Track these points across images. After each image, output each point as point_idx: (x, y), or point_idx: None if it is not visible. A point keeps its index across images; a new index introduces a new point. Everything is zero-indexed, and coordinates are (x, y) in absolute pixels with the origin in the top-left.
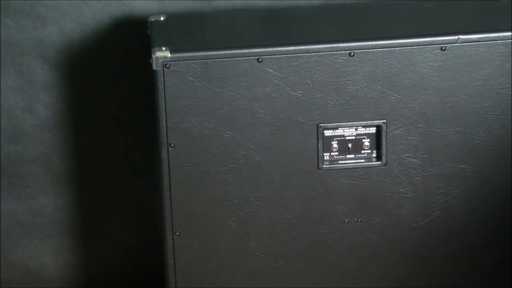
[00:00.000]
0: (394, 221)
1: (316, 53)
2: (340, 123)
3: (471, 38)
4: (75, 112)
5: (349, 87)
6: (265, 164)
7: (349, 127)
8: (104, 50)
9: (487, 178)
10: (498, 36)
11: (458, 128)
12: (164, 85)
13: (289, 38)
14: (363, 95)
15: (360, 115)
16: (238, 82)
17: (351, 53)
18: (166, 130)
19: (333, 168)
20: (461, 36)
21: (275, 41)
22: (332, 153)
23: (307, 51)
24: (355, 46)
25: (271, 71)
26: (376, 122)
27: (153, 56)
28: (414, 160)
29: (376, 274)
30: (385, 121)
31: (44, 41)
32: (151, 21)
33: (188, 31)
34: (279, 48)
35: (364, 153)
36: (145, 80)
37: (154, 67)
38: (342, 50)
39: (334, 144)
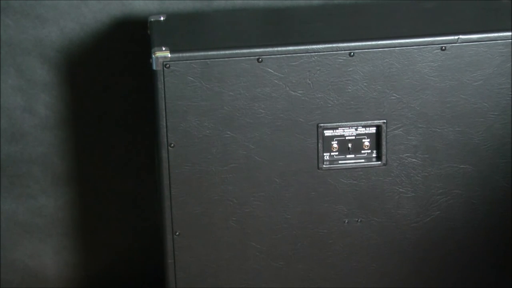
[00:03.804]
0: (394, 221)
1: (316, 53)
2: (340, 123)
3: (471, 38)
4: (75, 112)
5: (349, 87)
6: (265, 164)
7: (349, 127)
8: (104, 50)
9: (487, 178)
10: (498, 36)
11: (458, 128)
12: (164, 85)
13: (289, 38)
14: (363, 95)
15: (360, 115)
16: (238, 82)
17: (351, 53)
18: (166, 130)
19: (333, 168)
20: (461, 36)
21: (275, 41)
22: (332, 153)
23: (307, 51)
24: (355, 46)
25: (271, 71)
26: (376, 122)
27: (153, 56)
28: (414, 160)
29: (376, 274)
30: (385, 121)
31: (44, 41)
32: (151, 21)
33: (188, 31)
34: (279, 48)
35: (364, 153)
36: (145, 80)
37: (154, 67)
38: (342, 50)
39: (334, 144)
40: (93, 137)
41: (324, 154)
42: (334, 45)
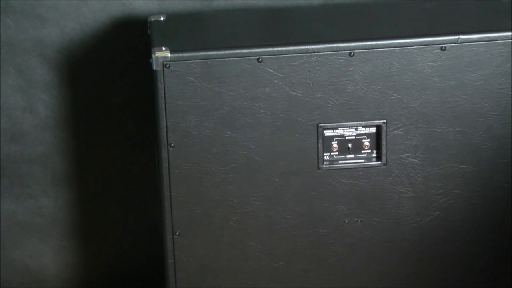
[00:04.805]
0: (394, 221)
1: (316, 53)
2: (340, 123)
3: (471, 38)
4: (75, 112)
5: (349, 87)
6: (265, 164)
7: (349, 127)
8: (104, 50)
9: (487, 178)
10: (498, 36)
11: (458, 128)
12: (164, 85)
13: (289, 38)
14: (363, 95)
15: (360, 115)
16: (238, 82)
17: (351, 53)
18: (166, 130)
19: (333, 168)
20: (461, 36)
21: (275, 41)
22: (332, 153)
23: (307, 51)
24: (355, 46)
25: (271, 71)
26: (376, 122)
27: (153, 56)
28: (414, 160)
29: (376, 274)
30: (385, 121)
31: (44, 41)
32: (151, 21)
33: (188, 31)
34: (279, 48)
35: (364, 153)
36: (145, 80)
37: (154, 67)
38: (342, 50)
39: (334, 144)
40: (93, 137)
41: (324, 154)
42: (334, 45)
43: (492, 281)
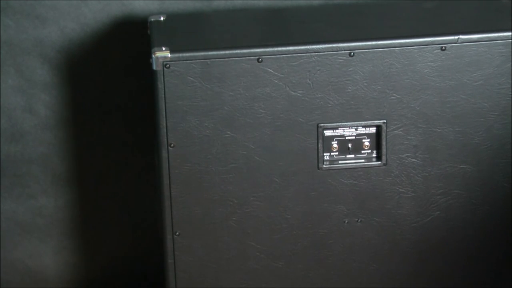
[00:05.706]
0: (394, 221)
1: (316, 53)
2: (340, 123)
3: (471, 38)
4: (75, 112)
5: (349, 87)
6: (265, 164)
7: (349, 127)
8: (104, 50)
9: (487, 178)
10: (498, 36)
11: (458, 128)
12: (164, 85)
13: (289, 38)
14: (363, 95)
15: (360, 115)
16: (238, 82)
17: (351, 53)
18: (166, 130)
19: (333, 168)
20: (461, 36)
21: (275, 41)
22: (332, 153)
23: (307, 51)
24: (355, 46)
25: (271, 71)
26: (376, 122)
27: (153, 56)
28: (414, 160)
29: (376, 274)
30: (385, 121)
31: (44, 41)
32: (151, 21)
33: (188, 31)
34: (279, 48)
35: (364, 153)
36: (145, 80)
37: (154, 67)
38: (342, 50)
39: (334, 144)
40: (93, 137)
41: (324, 154)
42: (334, 45)
43: (492, 281)
